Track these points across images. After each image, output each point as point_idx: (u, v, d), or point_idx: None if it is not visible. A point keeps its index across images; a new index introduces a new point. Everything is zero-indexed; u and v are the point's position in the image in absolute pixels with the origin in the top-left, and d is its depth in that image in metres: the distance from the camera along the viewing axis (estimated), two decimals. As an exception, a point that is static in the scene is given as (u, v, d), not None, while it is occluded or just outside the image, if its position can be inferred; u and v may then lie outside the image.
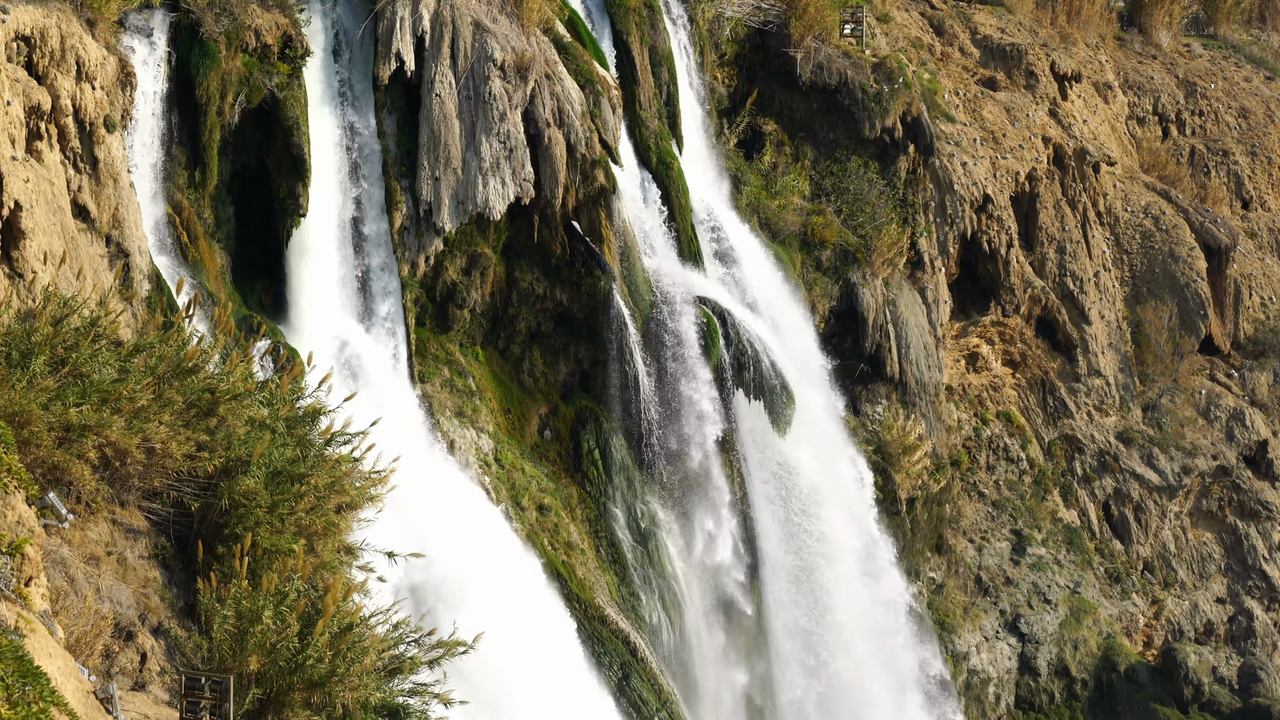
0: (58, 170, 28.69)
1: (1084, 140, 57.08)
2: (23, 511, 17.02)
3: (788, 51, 49.16)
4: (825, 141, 50.00)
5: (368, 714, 19.23)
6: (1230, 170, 64.25)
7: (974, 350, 54.29)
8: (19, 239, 26.46)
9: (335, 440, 22.79)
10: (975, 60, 58.30)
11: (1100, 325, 56.08)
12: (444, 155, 37.89)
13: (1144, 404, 57.00)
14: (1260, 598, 56.14)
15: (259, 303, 36.08)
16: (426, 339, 38.85)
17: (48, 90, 28.62)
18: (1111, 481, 55.20)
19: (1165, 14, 67.02)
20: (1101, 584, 53.43)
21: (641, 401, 40.42)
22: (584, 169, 39.66)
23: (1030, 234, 55.35)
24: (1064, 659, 51.15)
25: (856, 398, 48.10)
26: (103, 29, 30.82)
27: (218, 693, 17.69)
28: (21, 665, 14.30)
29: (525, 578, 36.33)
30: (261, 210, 36.27)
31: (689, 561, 41.44)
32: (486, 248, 39.45)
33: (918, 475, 48.41)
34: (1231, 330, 59.73)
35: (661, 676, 38.51)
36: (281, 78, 35.54)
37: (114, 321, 22.20)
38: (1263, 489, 57.23)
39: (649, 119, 43.73)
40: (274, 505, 20.78)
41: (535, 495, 39.07)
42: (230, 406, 21.49)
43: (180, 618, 20.33)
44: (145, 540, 20.90)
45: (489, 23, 38.67)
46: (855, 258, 47.95)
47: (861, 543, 45.48)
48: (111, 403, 20.11)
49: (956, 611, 49.89)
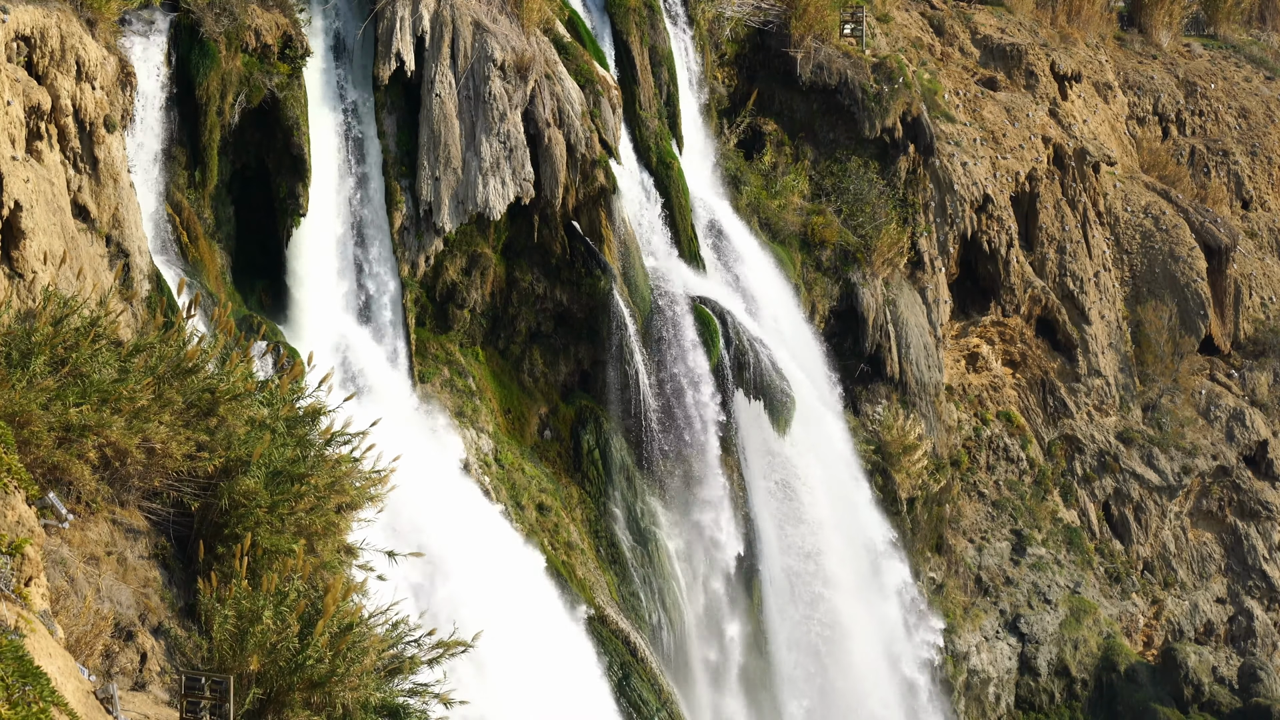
0: (58, 170, 28.68)
1: (1084, 140, 57.08)
2: (23, 511, 17.02)
3: (788, 51, 49.17)
4: (825, 141, 50.01)
5: (368, 714, 19.24)
6: (1230, 170, 64.24)
7: (974, 350, 54.29)
8: (19, 239, 26.46)
9: (335, 440, 22.78)
10: (975, 60, 58.30)
11: (1100, 325, 56.07)
12: (444, 155, 37.88)
13: (1144, 404, 57.00)
14: (1260, 598, 56.14)
15: (259, 303, 36.07)
16: (426, 339, 38.84)
17: (48, 90, 28.61)
18: (1111, 481, 55.19)
19: (1165, 14, 67.01)
20: (1101, 584, 53.42)
21: (641, 401, 40.41)
22: (584, 169, 39.66)
23: (1030, 234, 55.34)
24: (1064, 659, 51.14)
25: (856, 398, 48.10)
26: (103, 29, 30.81)
27: (218, 693, 17.70)
28: (21, 665, 14.30)
29: (525, 576, 36.31)
30: (261, 210, 36.27)
31: (688, 561, 41.43)
32: (486, 248, 39.44)
33: (918, 475, 48.41)
34: (1231, 330, 59.72)
35: (661, 676, 38.50)
36: (281, 78, 35.53)
37: (114, 321, 22.18)
38: (1263, 489, 57.23)
39: (649, 119, 43.73)
40: (274, 505, 20.78)
41: (535, 495, 39.06)
42: (230, 406, 21.48)
43: (180, 618, 20.33)
44: (145, 540, 20.90)
45: (489, 23, 38.66)
46: (855, 258, 47.95)
47: (861, 541, 45.50)
48: (111, 403, 20.11)
49: (956, 611, 49.88)
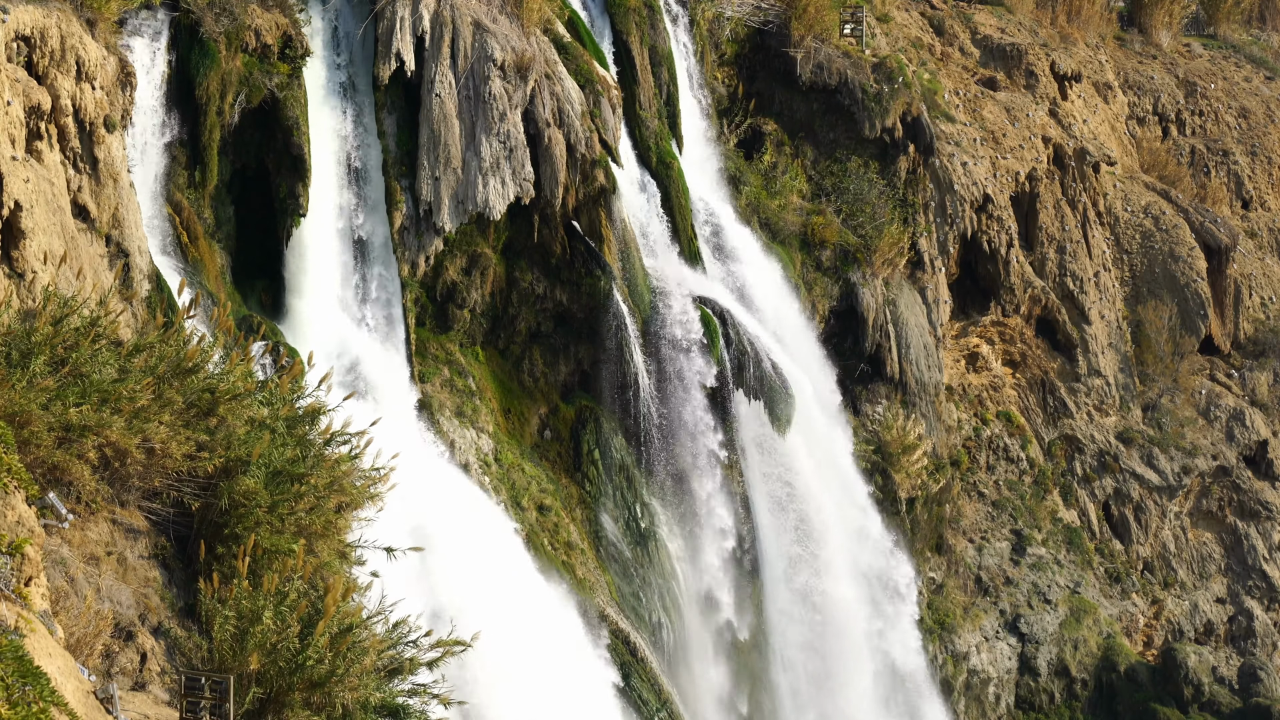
0: (58, 170, 28.68)
1: (1084, 140, 57.07)
2: (23, 511, 17.01)
3: (788, 51, 49.17)
4: (825, 141, 50.00)
5: (368, 714, 19.24)
6: (1230, 170, 64.23)
7: (974, 350, 54.28)
8: (19, 239, 26.45)
9: (335, 440, 22.78)
10: (975, 60, 58.29)
11: (1100, 325, 56.07)
12: (444, 155, 37.88)
13: (1144, 404, 56.99)
14: (1260, 598, 56.13)
15: (259, 303, 36.07)
16: (426, 339, 38.84)
17: (48, 90, 28.61)
18: (1111, 481, 55.19)
19: (1165, 14, 66.99)
20: (1101, 584, 53.41)
21: (641, 401, 40.41)
22: (584, 169, 39.66)
23: (1030, 234, 55.33)
24: (1064, 659, 51.14)
25: (856, 398, 48.09)
26: (103, 29, 30.80)
27: (218, 693, 17.70)
28: (21, 665, 14.30)
29: (523, 575, 36.32)
30: (261, 210, 36.26)
31: (688, 561, 41.42)
32: (486, 248, 39.44)
33: (917, 475, 48.40)
34: (1231, 330, 59.72)
35: (661, 676, 38.49)
36: (281, 78, 35.53)
37: (114, 321, 22.18)
38: (1263, 489, 57.22)
39: (649, 119, 43.72)
40: (274, 505, 20.77)
41: (535, 495, 39.06)
42: (230, 406, 21.47)
43: (180, 618, 20.32)
44: (145, 540, 20.89)
45: (489, 23, 38.66)
46: (855, 258, 47.94)
47: (861, 540, 45.50)
48: (111, 403, 20.10)
49: (956, 611, 49.88)
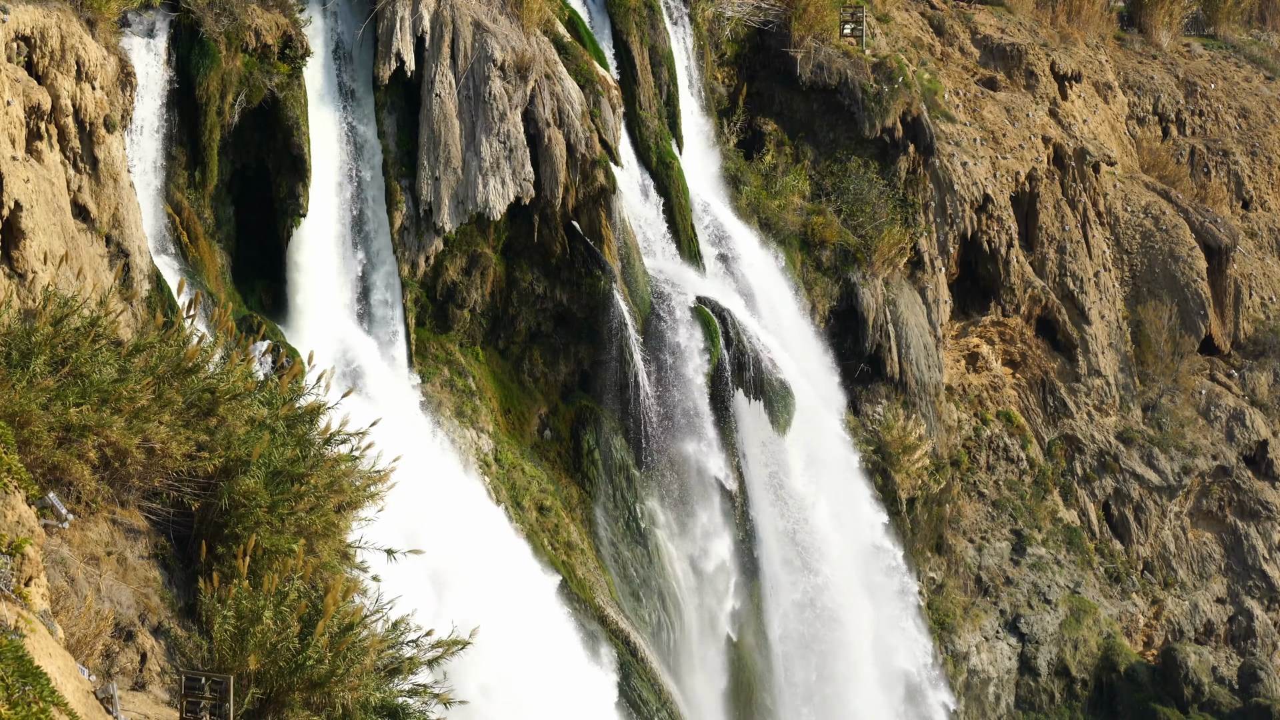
0: (58, 170, 28.68)
1: (1084, 140, 57.07)
2: (23, 511, 17.02)
3: (788, 51, 49.17)
4: (825, 141, 50.00)
5: (368, 714, 19.24)
6: (1230, 170, 64.23)
7: (974, 350, 54.28)
8: (19, 239, 26.46)
9: (335, 440, 22.78)
10: (975, 60, 58.29)
11: (1100, 325, 56.07)
12: (444, 155, 37.89)
13: (1144, 404, 57.00)
14: (1260, 598, 56.13)
15: (259, 303, 36.07)
16: (426, 339, 38.85)
17: (48, 90, 28.61)
18: (1111, 481, 55.19)
19: (1165, 14, 66.99)
20: (1101, 584, 53.41)
21: (641, 401, 40.41)
22: (584, 169, 39.66)
23: (1030, 234, 55.33)
24: (1064, 659, 51.14)
25: (856, 398, 48.09)
26: (103, 29, 30.80)
27: (218, 693, 17.69)
28: (21, 665, 14.30)
29: (524, 576, 36.31)
30: (261, 210, 36.27)
31: (688, 561, 41.42)
32: (486, 248, 39.44)
33: (918, 475, 48.40)
34: (1231, 330, 59.72)
35: (661, 676, 38.49)
36: (281, 78, 35.54)
37: (114, 321, 22.17)
38: (1263, 489, 57.22)
39: (649, 119, 43.72)
40: (274, 505, 20.77)
41: (535, 495, 39.06)
42: (230, 406, 21.47)
43: (180, 618, 20.32)
44: (145, 540, 20.89)
45: (489, 23, 38.67)
46: (855, 258, 47.94)
47: (862, 540, 45.50)
48: (111, 403, 20.10)
49: (956, 611, 49.88)
